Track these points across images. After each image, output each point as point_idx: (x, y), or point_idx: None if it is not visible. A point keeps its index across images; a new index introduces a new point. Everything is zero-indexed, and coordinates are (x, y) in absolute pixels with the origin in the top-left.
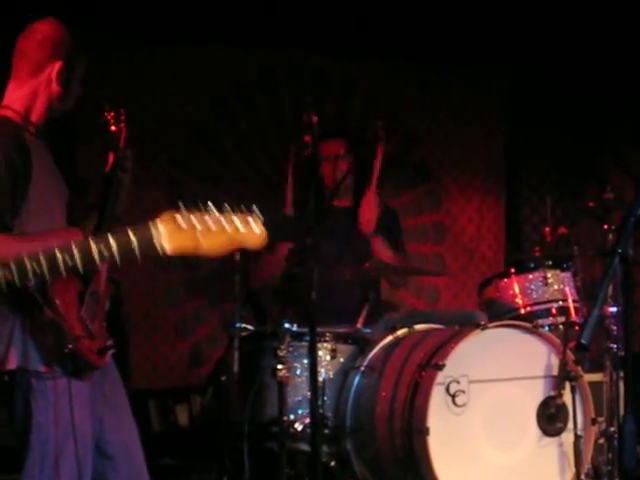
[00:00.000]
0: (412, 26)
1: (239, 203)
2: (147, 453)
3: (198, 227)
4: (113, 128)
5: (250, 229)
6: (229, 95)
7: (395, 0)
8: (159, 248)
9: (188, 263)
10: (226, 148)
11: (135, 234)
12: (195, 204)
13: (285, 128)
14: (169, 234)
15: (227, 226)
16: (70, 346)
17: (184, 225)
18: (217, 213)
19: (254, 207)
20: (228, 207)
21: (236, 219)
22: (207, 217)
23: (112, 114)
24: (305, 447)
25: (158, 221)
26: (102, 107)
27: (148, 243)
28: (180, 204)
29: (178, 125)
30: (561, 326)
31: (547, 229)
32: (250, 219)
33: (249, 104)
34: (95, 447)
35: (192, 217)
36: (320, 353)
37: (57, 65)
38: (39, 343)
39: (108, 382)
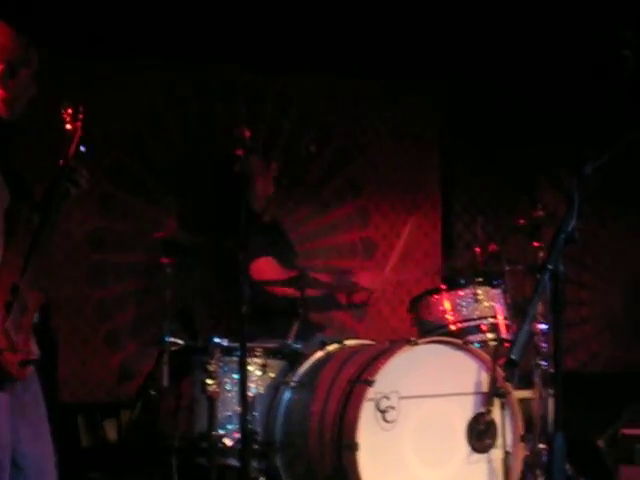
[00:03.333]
0: (346, 41)
1: (172, 218)
2: (75, 468)
3: None
4: (68, 127)
5: None
6: (162, 109)
7: (329, 16)
8: None
9: (119, 277)
10: (159, 162)
11: None
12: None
13: (217, 143)
14: None
15: None
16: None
17: None
18: None
19: None
20: None
21: None
22: None
23: (69, 111)
24: (234, 462)
25: None
26: (60, 103)
27: None
28: None
29: (111, 139)
30: (491, 343)
31: (478, 248)
32: None
33: (182, 119)
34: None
35: None
36: (250, 368)
37: None
38: None
39: (28, 395)
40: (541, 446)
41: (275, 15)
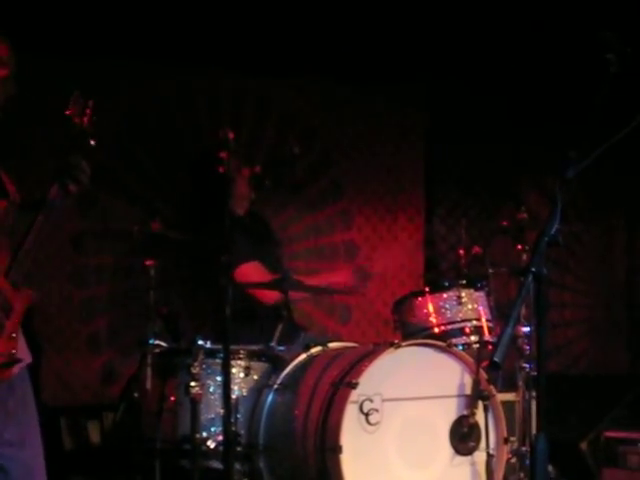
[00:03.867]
0: (330, 44)
1: (155, 220)
2: (58, 471)
3: None
4: (76, 120)
5: None
6: (146, 110)
7: (313, 19)
8: None
9: (101, 278)
10: (142, 164)
11: None
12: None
13: (201, 144)
14: None
15: None
16: None
17: None
18: None
19: None
20: None
21: None
22: None
23: (77, 105)
24: (218, 465)
25: None
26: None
27: None
28: None
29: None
30: (474, 345)
31: (461, 250)
32: None
33: (166, 120)
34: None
35: None
36: (234, 370)
37: None
38: None
39: (14, 397)
40: (524, 448)
41: (259, 18)
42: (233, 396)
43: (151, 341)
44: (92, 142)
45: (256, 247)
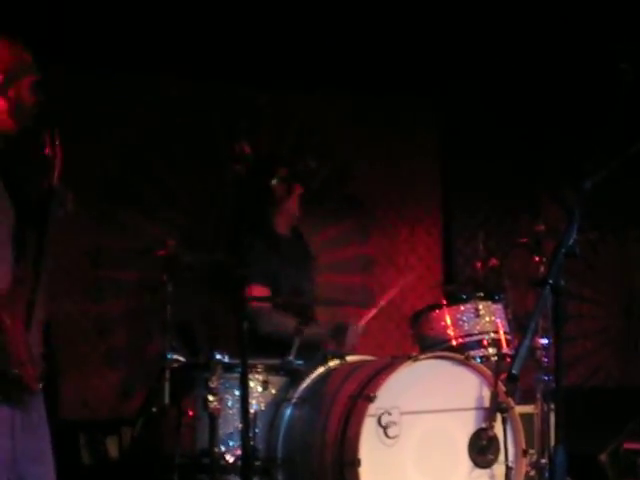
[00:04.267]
0: (347, 58)
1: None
2: None
3: None
4: (47, 151)
5: None
6: (162, 125)
7: (329, 32)
8: None
9: (118, 293)
10: (158, 178)
11: None
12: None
13: (218, 158)
14: None
15: None
16: (16, 371)
17: None
18: None
19: None
20: None
21: None
22: None
23: (47, 136)
24: (236, 479)
25: None
26: (37, 129)
27: None
28: None
29: (111, 154)
30: (492, 358)
31: (479, 262)
32: None
33: (182, 134)
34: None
35: None
36: (251, 384)
37: None
38: None
39: (35, 412)
40: (543, 461)
41: (275, 31)
42: (251, 410)
43: (169, 356)
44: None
45: (292, 269)
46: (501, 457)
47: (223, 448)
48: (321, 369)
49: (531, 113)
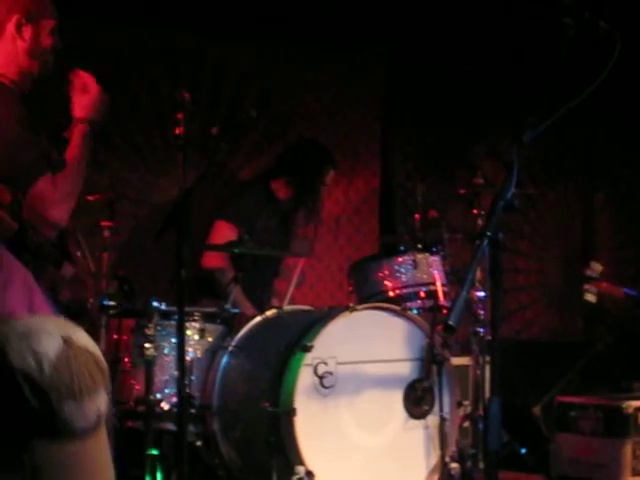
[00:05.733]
0: (287, 6)
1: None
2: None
3: None
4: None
5: None
6: (100, 70)
7: None
8: None
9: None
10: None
11: None
12: None
13: (160, 106)
14: None
15: None
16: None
17: None
18: None
19: None
20: None
21: None
22: None
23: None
24: (172, 427)
25: None
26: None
27: None
28: None
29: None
30: (429, 309)
31: (417, 215)
32: None
33: (122, 81)
34: None
35: None
36: (188, 332)
37: (13, 19)
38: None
39: None
40: (478, 412)
41: None
42: (187, 358)
43: (105, 302)
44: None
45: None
46: (436, 408)
47: (159, 395)
48: (258, 318)
49: (472, 66)
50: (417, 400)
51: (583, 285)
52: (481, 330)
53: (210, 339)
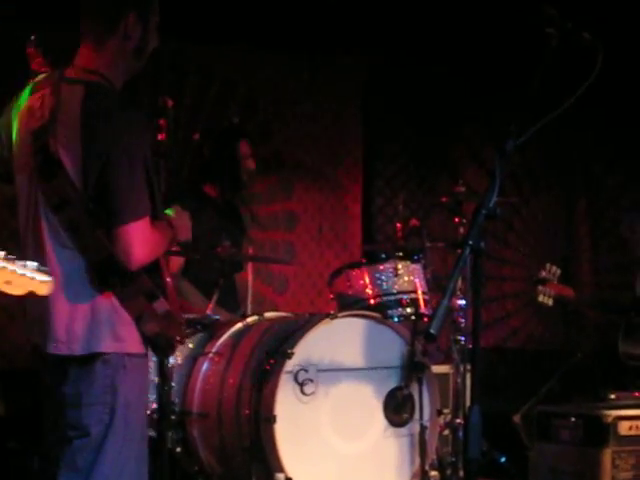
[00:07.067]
0: (270, 14)
1: None
2: None
3: None
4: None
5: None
6: None
7: None
8: None
9: None
10: None
11: None
12: None
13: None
14: None
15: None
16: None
17: None
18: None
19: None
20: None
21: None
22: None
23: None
24: (151, 433)
25: None
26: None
27: None
28: None
29: None
30: (410, 317)
31: (399, 223)
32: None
33: None
34: None
35: None
36: None
37: (131, 18)
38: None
39: None
40: (457, 421)
41: None
42: (168, 364)
43: None
44: None
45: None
46: (416, 416)
47: None
48: (239, 324)
49: (454, 74)
50: (397, 408)
51: (537, 287)
52: (462, 338)
53: (191, 345)
